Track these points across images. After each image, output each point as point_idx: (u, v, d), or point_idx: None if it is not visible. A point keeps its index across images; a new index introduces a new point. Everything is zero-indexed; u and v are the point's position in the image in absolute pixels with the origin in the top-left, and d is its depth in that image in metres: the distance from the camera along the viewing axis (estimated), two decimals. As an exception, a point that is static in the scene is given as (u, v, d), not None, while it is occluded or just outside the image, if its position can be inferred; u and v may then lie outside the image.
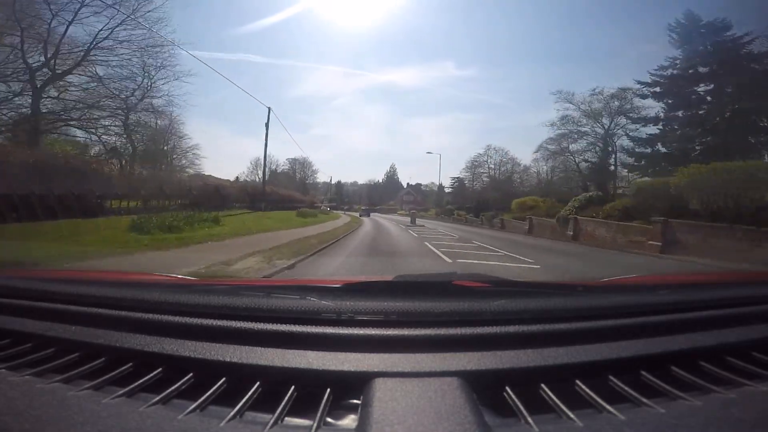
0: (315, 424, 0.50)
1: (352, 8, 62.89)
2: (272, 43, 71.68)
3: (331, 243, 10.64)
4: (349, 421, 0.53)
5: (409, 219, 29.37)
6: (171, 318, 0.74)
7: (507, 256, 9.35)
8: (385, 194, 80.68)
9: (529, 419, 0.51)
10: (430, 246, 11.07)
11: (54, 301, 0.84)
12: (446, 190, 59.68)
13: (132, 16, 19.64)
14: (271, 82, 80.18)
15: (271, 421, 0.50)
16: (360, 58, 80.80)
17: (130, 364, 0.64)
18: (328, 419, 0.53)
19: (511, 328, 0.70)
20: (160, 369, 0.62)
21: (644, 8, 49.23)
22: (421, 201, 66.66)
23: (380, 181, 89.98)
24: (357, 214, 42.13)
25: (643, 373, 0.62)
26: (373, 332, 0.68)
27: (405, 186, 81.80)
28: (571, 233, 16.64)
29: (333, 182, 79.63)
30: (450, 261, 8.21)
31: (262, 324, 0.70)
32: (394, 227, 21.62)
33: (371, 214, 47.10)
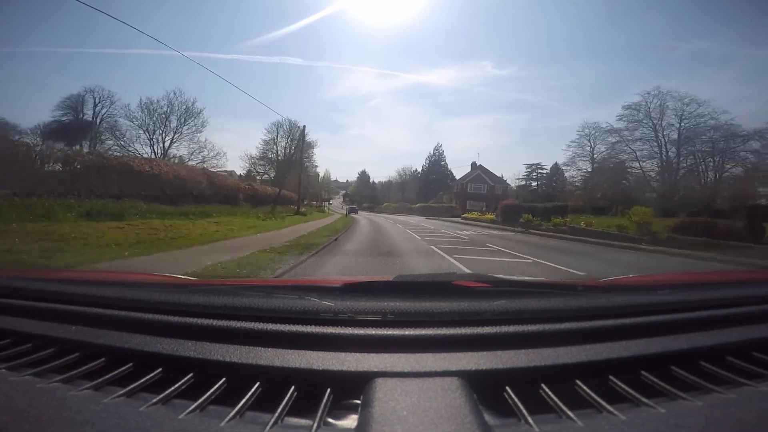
0: (315, 424, 0.50)
1: (386, 8, 61.45)
2: (309, 45, 71.99)
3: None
4: (349, 421, 0.53)
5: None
6: (171, 318, 0.74)
7: None
8: (427, 187, 56.41)
9: (529, 419, 0.51)
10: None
11: (54, 301, 0.84)
12: (512, 185, 43.26)
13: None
14: (310, 84, 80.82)
15: (271, 421, 0.50)
16: (395, 59, 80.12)
17: (130, 364, 0.64)
18: (329, 419, 0.53)
19: (511, 328, 0.70)
20: (160, 369, 0.62)
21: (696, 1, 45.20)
22: (502, 194, 40.96)
23: (418, 171, 64.17)
24: (353, 215, 36.52)
25: (643, 373, 0.62)
26: (373, 332, 0.68)
27: (470, 168, 49.30)
28: None
29: (358, 175, 70.18)
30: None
31: (262, 324, 0.70)
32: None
33: (359, 211, 42.06)
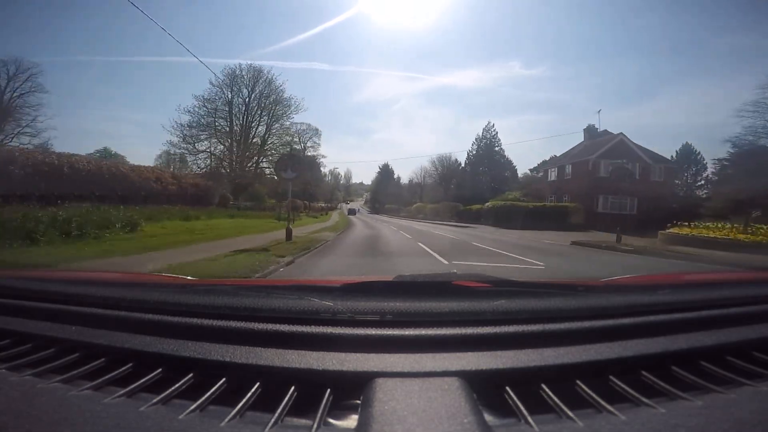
0: (315, 424, 0.50)
1: (407, 9, 60.20)
2: (334, 51, 72.00)
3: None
4: (350, 421, 0.53)
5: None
6: (171, 318, 0.74)
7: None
8: (477, 180, 38.71)
9: (530, 419, 0.51)
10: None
11: (54, 301, 0.84)
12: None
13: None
14: (336, 89, 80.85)
15: (272, 421, 0.50)
16: (419, 61, 78.83)
17: (130, 364, 0.64)
18: (329, 419, 0.53)
19: (511, 328, 0.70)
20: (160, 369, 0.62)
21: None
22: (664, 182, 23.74)
23: (460, 162, 45.31)
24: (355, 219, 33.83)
25: (644, 373, 0.62)
26: (373, 332, 0.68)
27: (583, 137, 29.24)
28: None
29: (379, 170, 62.56)
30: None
31: (262, 324, 0.70)
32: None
33: (358, 212, 39.85)
